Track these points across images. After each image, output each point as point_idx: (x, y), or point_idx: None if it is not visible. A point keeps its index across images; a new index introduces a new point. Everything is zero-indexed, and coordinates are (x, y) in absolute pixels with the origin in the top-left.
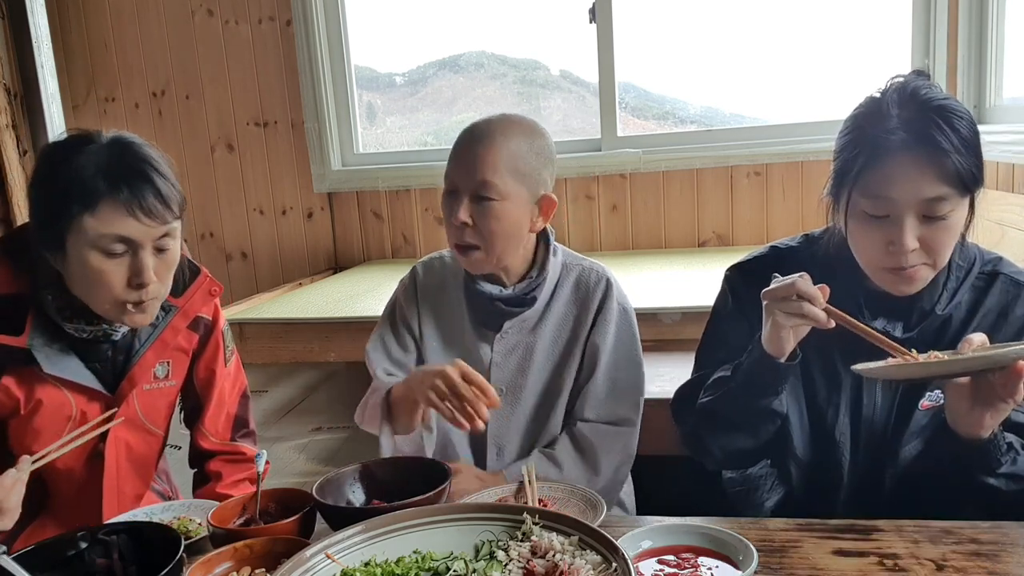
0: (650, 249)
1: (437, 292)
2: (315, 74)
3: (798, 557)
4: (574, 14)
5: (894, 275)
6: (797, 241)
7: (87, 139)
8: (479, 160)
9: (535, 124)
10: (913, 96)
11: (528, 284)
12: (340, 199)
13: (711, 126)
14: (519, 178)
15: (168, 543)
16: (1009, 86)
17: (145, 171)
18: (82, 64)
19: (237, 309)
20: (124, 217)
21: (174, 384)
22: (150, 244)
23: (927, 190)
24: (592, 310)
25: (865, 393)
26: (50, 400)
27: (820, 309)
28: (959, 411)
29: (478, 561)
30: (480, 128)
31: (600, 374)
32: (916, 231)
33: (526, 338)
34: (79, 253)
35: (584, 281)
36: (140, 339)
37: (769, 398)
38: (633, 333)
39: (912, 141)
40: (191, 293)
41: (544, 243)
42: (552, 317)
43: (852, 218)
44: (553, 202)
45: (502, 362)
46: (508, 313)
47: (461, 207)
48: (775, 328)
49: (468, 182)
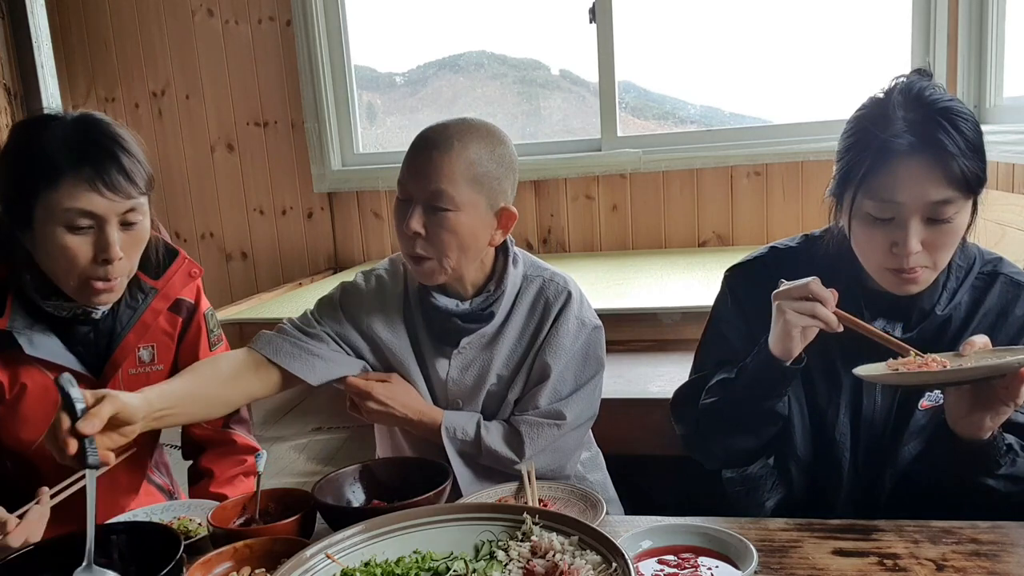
0: (650, 249)
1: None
2: (315, 74)
3: (798, 557)
4: (574, 14)
5: (897, 276)
6: (797, 241)
7: (54, 117)
8: (433, 167)
9: (496, 130)
10: (918, 98)
11: (486, 299)
12: (340, 199)
13: (711, 126)
14: (476, 187)
15: (168, 543)
16: (1009, 86)
17: (109, 146)
18: (82, 64)
19: (237, 309)
20: (87, 192)
21: (161, 369)
22: (115, 219)
23: (933, 193)
24: (547, 324)
25: (865, 393)
26: (34, 384)
27: (831, 310)
28: (959, 413)
29: (478, 561)
30: (436, 133)
31: (544, 388)
32: (920, 234)
33: (483, 354)
34: (45, 230)
35: (544, 294)
36: (121, 322)
37: (773, 400)
38: (589, 351)
39: (918, 144)
40: (169, 275)
41: (503, 254)
42: (510, 332)
43: (856, 220)
44: (513, 215)
45: (459, 378)
46: (465, 330)
47: (413, 216)
48: (785, 329)
49: (421, 191)
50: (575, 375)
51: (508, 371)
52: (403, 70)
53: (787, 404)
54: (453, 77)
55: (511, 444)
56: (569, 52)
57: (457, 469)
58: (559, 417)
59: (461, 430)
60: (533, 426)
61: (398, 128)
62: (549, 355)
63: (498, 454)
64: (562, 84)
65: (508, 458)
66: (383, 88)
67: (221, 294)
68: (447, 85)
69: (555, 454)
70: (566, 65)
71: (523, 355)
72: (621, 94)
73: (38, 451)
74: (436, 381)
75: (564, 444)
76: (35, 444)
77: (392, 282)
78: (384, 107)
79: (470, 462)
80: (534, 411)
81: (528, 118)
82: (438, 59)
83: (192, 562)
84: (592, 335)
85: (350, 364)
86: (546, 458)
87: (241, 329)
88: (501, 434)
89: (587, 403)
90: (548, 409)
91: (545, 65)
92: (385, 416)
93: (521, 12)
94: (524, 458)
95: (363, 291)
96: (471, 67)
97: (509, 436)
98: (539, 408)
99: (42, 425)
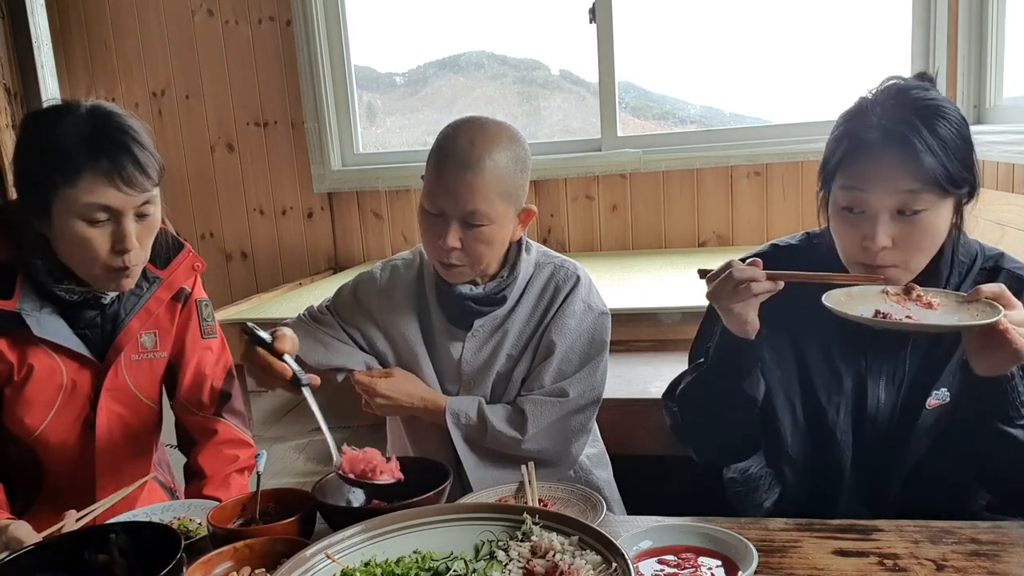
0: (650, 249)
1: (404, 294)
2: (315, 74)
3: (798, 557)
4: (574, 14)
5: (867, 270)
6: (798, 239)
7: (66, 109)
8: (469, 188)
9: (512, 131)
10: (899, 96)
11: (499, 284)
12: (340, 199)
13: (711, 126)
14: (506, 199)
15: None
16: (1009, 86)
17: (124, 141)
18: (82, 64)
19: (237, 309)
20: (105, 187)
21: (163, 356)
22: (131, 211)
23: (900, 187)
24: (555, 306)
25: (868, 391)
26: (41, 366)
27: (764, 280)
28: (972, 351)
29: (478, 561)
30: (464, 150)
31: (548, 366)
32: (890, 229)
33: (495, 335)
34: (63, 221)
35: (555, 278)
36: (126, 308)
37: (740, 380)
38: (594, 335)
39: (887, 139)
40: (175, 266)
41: (516, 243)
42: (520, 314)
43: (832, 212)
44: (532, 212)
45: (472, 359)
46: (478, 312)
47: (450, 232)
48: (738, 318)
49: (456, 209)
50: (580, 356)
51: (517, 351)
52: (403, 70)
53: (757, 386)
54: (453, 77)
55: (515, 423)
56: (569, 52)
57: (463, 454)
58: (562, 395)
59: (464, 415)
60: (537, 404)
61: (398, 128)
62: (555, 334)
63: (503, 434)
64: (562, 84)
65: (512, 437)
66: (383, 88)
67: (221, 294)
68: (447, 85)
69: (558, 435)
70: (566, 65)
71: (531, 334)
72: (621, 94)
73: (40, 439)
74: (449, 363)
75: (567, 425)
76: (38, 431)
77: (406, 271)
78: (384, 107)
79: (475, 447)
80: (539, 390)
81: (528, 118)
82: (438, 59)
83: (192, 562)
84: (598, 320)
85: (351, 355)
86: (549, 439)
87: (241, 329)
88: (504, 415)
89: (590, 382)
90: (552, 388)
91: (545, 65)
92: (393, 408)
93: (521, 12)
94: (527, 436)
95: (377, 281)
96: (471, 67)
97: (512, 416)
98: (544, 387)
99: (45, 410)
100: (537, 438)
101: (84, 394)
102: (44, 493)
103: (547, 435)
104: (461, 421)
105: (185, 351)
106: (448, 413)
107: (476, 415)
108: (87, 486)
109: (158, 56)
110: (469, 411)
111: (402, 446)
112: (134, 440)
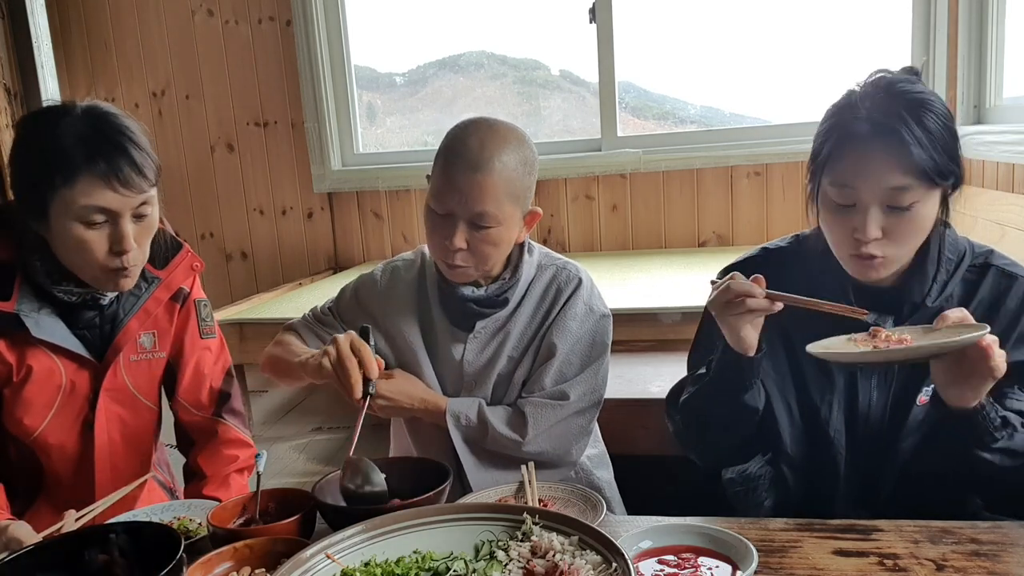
0: (650, 249)
1: (405, 295)
2: (315, 74)
3: (798, 557)
4: (574, 14)
5: (858, 261)
6: (787, 241)
7: (63, 110)
8: (477, 189)
9: (519, 132)
10: (887, 89)
11: (501, 285)
12: (340, 199)
13: (711, 126)
14: (514, 201)
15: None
16: (1009, 86)
17: (120, 142)
18: (82, 64)
19: (237, 309)
20: (102, 189)
21: (162, 356)
22: (129, 213)
23: (890, 180)
24: (557, 308)
25: (860, 390)
26: (40, 367)
27: (762, 298)
28: (942, 383)
29: (478, 561)
30: (473, 151)
31: (549, 368)
32: (880, 220)
33: (497, 337)
34: (61, 223)
35: (556, 280)
36: (124, 308)
37: (741, 393)
38: (595, 338)
39: (876, 131)
40: (173, 266)
41: (519, 245)
42: (522, 316)
43: (822, 207)
44: (538, 214)
45: (473, 360)
46: (480, 314)
47: (457, 233)
48: (732, 331)
49: (465, 210)
50: (581, 358)
51: (518, 353)
52: (403, 70)
53: (758, 396)
54: (453, 77)
55: (515, 425)
56: (569, 52)
57: (463, 455)
58: (563, 397)
59: (465, 416)
60: (537, 407)
61: (398, 128)
62: (556, 336)
63: (503, 436)
64: (562, 84)
65: (512, 439)
66: (383, 88)
67: (221, 294)
68: (447, 85)
69: (559, 438)
70: (566, 65)
71: (532, 336)
72: (621, 94)
73: (40, 439)
74: (451, 365)
75: (567, 428)
76: (37, 432)
77: (407, 272)
78: (384, 107)
79: (475, 448)
80: (539, 392)
81: (528, 118)
82: (438, 59)
83: (192, 562)
84: (600, 322)
85: None
86: (549, 441)
87: (241, 329)
88: (505, 417)
89: (591, 385)
90: (553, 390)
91: (545, 65)
92: (393, 409)
93: (521, 12)
94: (528, 438)
95: (377, 283)
96: (471, 67)
97: (513, 418)
98: (544, 389)
99: (44, 411)
100: (537, 440)
101: (83, 394)
102: (44, 493)
103: (547, 438)
104: (461, 422)
105: (184, 351)
106: (448, 414)
107: (476, 417)
108: (87, 486)
109: (158, 56)
110: (469, 412)
111: (405, 447)
112: (133, 440)
